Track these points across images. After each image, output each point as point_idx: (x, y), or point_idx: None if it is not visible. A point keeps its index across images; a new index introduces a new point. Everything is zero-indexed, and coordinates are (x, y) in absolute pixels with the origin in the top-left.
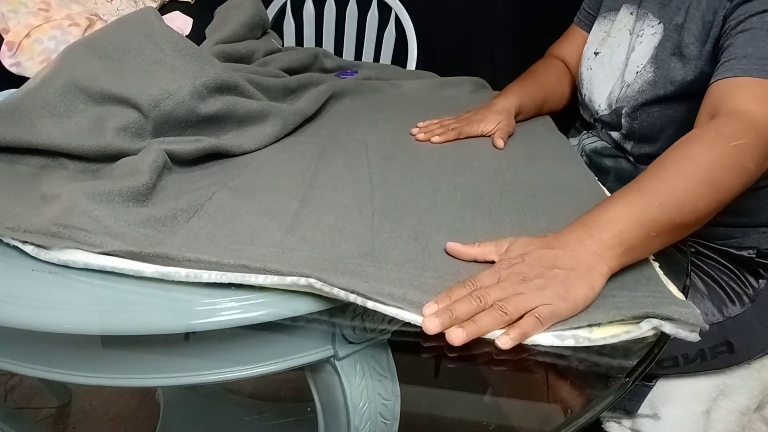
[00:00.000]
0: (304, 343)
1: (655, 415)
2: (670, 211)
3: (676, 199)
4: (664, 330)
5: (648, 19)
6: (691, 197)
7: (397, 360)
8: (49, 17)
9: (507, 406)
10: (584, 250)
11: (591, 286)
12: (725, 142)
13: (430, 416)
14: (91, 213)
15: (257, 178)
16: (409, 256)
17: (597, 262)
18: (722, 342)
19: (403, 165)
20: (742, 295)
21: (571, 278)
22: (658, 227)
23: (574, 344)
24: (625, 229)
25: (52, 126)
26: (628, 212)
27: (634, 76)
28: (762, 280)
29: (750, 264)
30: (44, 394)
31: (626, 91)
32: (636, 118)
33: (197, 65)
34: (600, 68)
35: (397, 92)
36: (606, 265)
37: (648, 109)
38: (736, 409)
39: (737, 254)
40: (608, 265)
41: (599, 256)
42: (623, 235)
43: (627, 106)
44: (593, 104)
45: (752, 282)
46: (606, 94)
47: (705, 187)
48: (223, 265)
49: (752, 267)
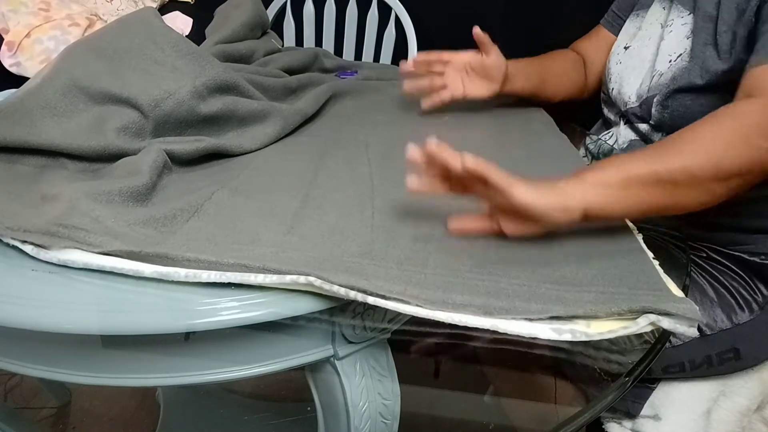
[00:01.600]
0: (304, 343)
1: (655, 416)
2: (655, 163)
3: (664, 153)
4: (662, 325)
5: (678, 10)
6: (683, 155)
7: (397, 360)
8: (49, 17)
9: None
10: (565, 182)
11: (564, 208)
12: (734, 119)
13: (430, 416)
14: (91, 213)
15: (257, 178)
16: (408, 254)
17: (575, 191)
18: (729, 348)
19: (404, 165)
20: (752, 302)
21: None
22: (642, 178)
23: (571, 339)
24: (607, 173)
25: (52, 126)
26: (612, 163)
27: (668, 65)
28: None
29: (761, 270)
30: (44, 394)
31: (659, 80)
32: (667, 107)
33: (197, 65)
34: (630, 61)
35: (397, 92)
36: (582, 196)
37: (680, 98)
38: (737, 410)
39: (749, 260)
40: (584, 198)
41: (579, 188)
42: (604, 176)
43: (659, 94)
44: (622, 97)
45: (762, 289)
46: (636, 85)
47: (701, 152)
48: (223, 264)
49: (763, 274)
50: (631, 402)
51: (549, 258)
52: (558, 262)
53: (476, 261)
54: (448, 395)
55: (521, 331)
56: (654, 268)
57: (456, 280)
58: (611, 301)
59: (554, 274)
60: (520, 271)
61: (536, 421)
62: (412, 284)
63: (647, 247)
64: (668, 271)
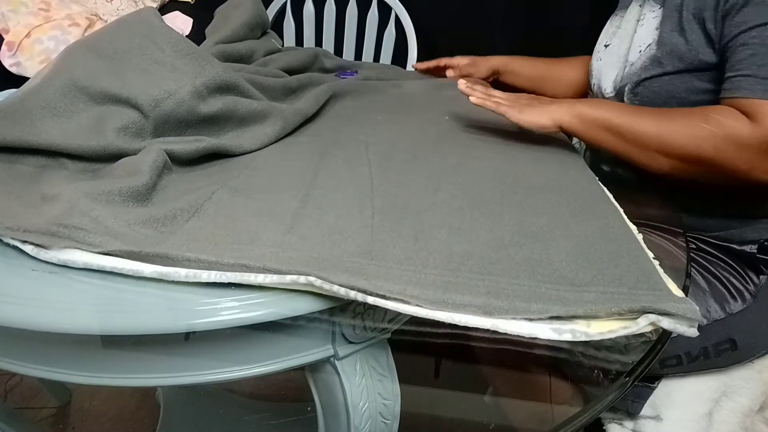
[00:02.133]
0: (304, 343)
1: (656, 417)
2: (622, 118)
3: (634, 114)
4: (662, 325)
5: (650, 5)
6: (643, 122)
7: (397, 360)
8: (49, 17)
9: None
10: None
11: (548, 113)
12: (706, 121)
13: (430, 416)
14: (91, 213)
15: (257, 177)
16: (409, 254)
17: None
18: (725, 339)
19: (404, 165)
20: (743, 291)
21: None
22: (607, 125)
23: (572, 338)
24: (587, 109)
25: (52, 126)
26: (596, 104)
27: (638, 55)
28: (763, 276)
29: (751, 260)
30: (44, 394)
31: (630, 70)
32: (637, 93)
33: (197, 65)
34: (608, 57)
35: (397, 92)
36: (560, 117)
37: (649, 84)
38: (739, 411)
39: (738, 250)
40: (561, 119)
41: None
42: (584, 111)
43: (630, 83)
44: (601, 90)
45: (753, 278)
46: (612, 78)
47: (656, 126)
48: (223, 264)
49: (753, 263)
50: (631, 402)
51: (549, 258)
52: (558, 262)
53: (476, 261)
54: (448, 395)
55: (521, 331)
56: (654, 268)
57: (456, 280)
58: (611, 301)
59: (554, 274)
60: (520, 271)
61: (536, 421)
62: (412, 284)
63: (647, 247)
64: (668, 271)
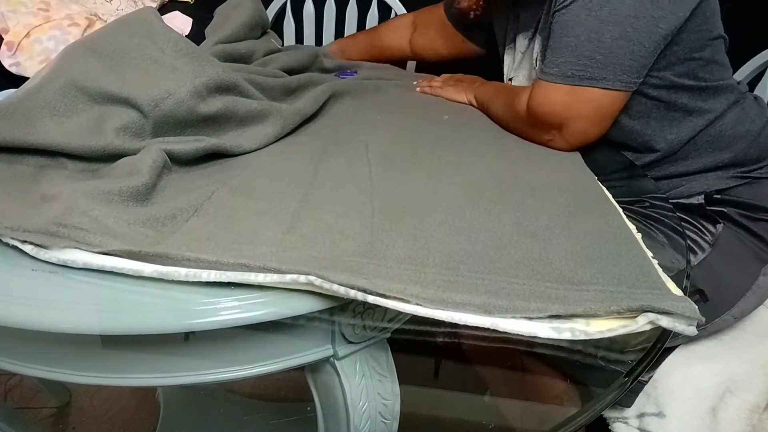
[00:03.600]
0: (304, 343)
1: (660, 413)
2: (495, 98)
3: (492, 97)
4: (661, 324)
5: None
6: (498, 102)
7: (397, 360)
8: (49, 17)
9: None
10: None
11: (463, 94)
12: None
13: (430, 416)
14: (90, 212)
15: (257, 177)
16: (408, 253)
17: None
18: (693, 291)
19: (403, 164)
20: (700, 241)
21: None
22: (487, 104)
23: (571, 337)
24: (481, 92)
25: (52, 126)
26: (488, 88)
27: (526, 79)
28: (719, 225)
29: (701, 210)
30: (44, 394)
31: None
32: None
33: (197, 65)
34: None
35: (397, 92)
36: (470, 94)
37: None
38: (745, 407)
39: (687, 203)
40: (471, 100)
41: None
42: (479, 93)
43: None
44: None
45: (709, 227)
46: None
47: (498, 107)
48: (223, 264)
49: (704, 212)
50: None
51: (548, 257)
52: (557, 261)
53: (476, 260)
54: (448, 395)
55: (521, 329)
56: (653, 267)
57: (456, 279)
58: (610, 300)
59: (554, 273)
60: (520, 270)
61: (536, 420)
62: (412, 283)
63: (646, 246)
64: (667, 270)
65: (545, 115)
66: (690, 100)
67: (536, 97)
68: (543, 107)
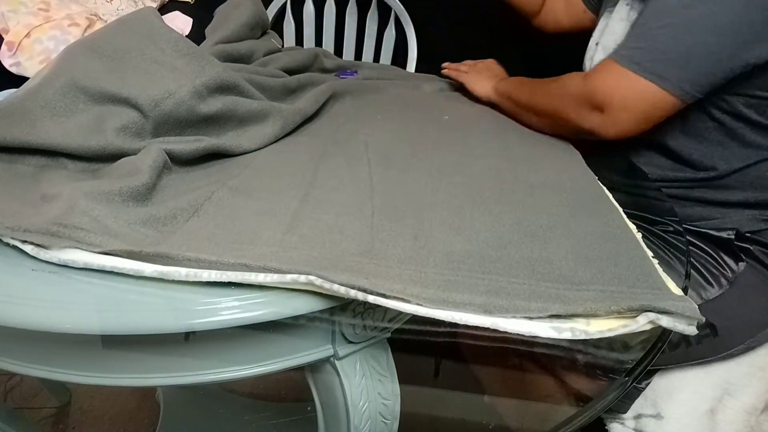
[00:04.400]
0: (304, 343)
1: (657, 415)
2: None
3: (527, 90)
4: (661, 323)
5: (637, 4)
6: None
7: (397, 360)
8: (49, 17)
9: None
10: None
11: (482, 87)
12: (559, 85)
13: (430, 416)
14: (91, 212)
15: (257, 177)
16: (409, 253)
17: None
18: (704, 325)
19: (403, 164)
20: (720, 277)
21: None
22: (513, 98)
23: (571, 337)
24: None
25: (52, 126)
26: (512, 83)
27: (614, 46)
28: (741, 263)
29: (728, 245)
30: (44, 394)
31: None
32: None
33: (197, 65)
34: (598, 55)
35: (397, 92)
36: (489, 95)
37: None
38: (743, 409)
39: (716, 236)
40: (489, 96)
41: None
42: (501, 87)
43: None
44: None
45: (731, 264)
46: None
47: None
48: (223, 264)
49: (730, 248)
50: (619, 401)
51: (549, 257)
52: (558, 261)
53: (476, 260)
54: (448, 395)
55: (521, 329)
56: (653, 267)
57: (456, 278)
58: (611, 300)
59: (554, 273)
60: (520, 270)
61: (536, 421)
62: (412, 283)
63: (647, 246)
64: (667, 270)
65: (598, 93)
66: (750, 133)
67: (600, 71)
68: (600, 86)
